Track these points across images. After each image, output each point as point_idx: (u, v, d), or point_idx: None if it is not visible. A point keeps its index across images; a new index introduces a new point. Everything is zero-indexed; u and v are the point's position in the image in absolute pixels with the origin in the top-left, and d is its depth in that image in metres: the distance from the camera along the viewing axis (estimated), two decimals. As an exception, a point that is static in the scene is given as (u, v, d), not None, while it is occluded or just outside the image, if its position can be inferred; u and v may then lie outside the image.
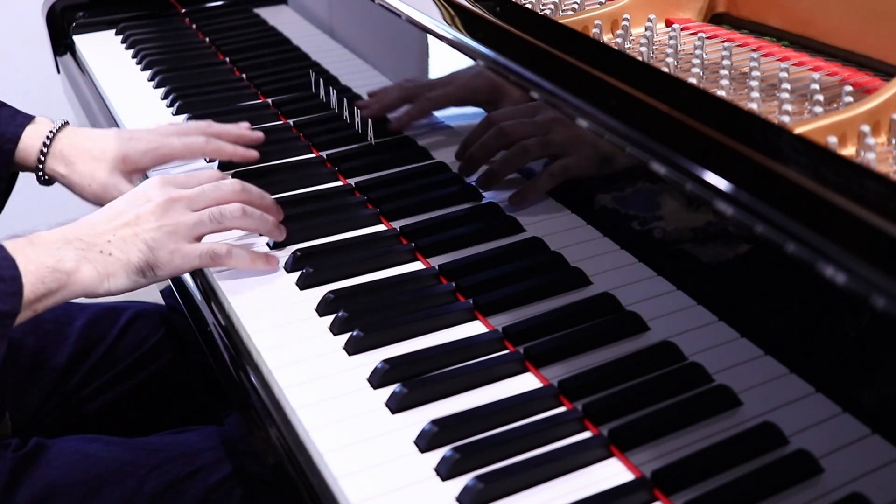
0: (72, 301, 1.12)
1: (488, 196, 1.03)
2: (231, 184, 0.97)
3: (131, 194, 0.94)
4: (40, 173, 1.13)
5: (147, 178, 1.12)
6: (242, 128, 1.18)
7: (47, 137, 1.12)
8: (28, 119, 1.14)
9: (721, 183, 0.68)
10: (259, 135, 1.18)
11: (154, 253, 0.89)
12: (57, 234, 0.88)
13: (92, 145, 1.12)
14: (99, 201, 1.11)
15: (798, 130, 0.77)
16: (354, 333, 0.86)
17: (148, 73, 1.49)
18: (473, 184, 1.04)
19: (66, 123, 1.15)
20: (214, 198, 0.94)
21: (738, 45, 1.01)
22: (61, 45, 1.69)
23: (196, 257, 0.92)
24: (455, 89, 1.08)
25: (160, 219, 0.91)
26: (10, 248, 0.84)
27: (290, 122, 1.29)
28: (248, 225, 0.96)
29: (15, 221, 1.29)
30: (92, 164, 1.11)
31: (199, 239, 0.93)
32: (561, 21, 1.04)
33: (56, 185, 1.16)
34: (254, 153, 1.16)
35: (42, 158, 1.12)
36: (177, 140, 1.13)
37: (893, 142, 0.80)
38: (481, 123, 1.01)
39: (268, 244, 1.01)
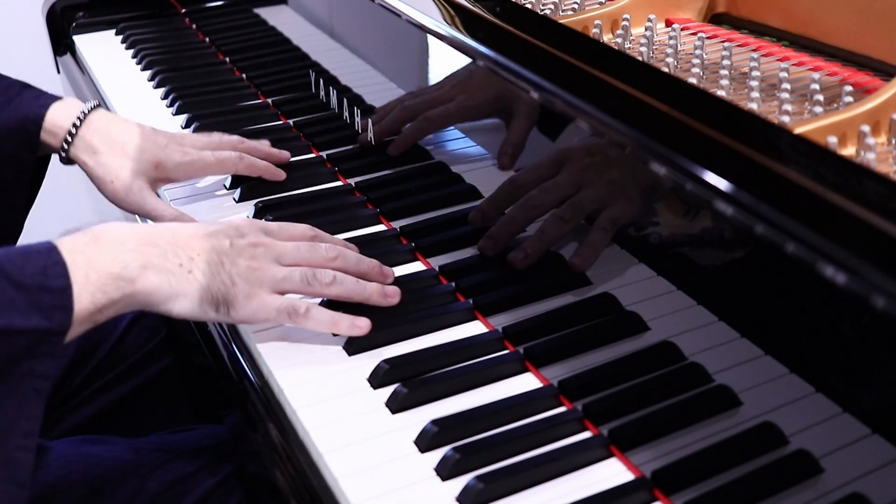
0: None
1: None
2: (327, 248, 0.88)
3: (222, 224, 0.86)
4: (63, 155, 1.07)
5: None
6: (268, 145, 1.15)
7: (77, 120, 1.05)
8: (52, 99, 1.07)
9: (721, 183, 0.68)
10: (286, 154, 1.15)
11: (235, 289, 0.81)
12: (131, 231, 0.78)
13: (125, 140, 1.05)
14: (115, 200, 1.06)
15: (798, 130, 0.77)
16: (354, 333, 0.86)
17: (148, 73, 1.49)
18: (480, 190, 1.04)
19: (98, 106, 1.08)
20: (308, 257, 0.86)
21: (738, 45, 1.01)
22: (61, 45, 1.69)
23: (273, 309, 0.83)
24: (461, 104, 1.05)
25: (250, 259, 0.83)
26: (67, 249, 0.73)
27: (290, 122, 1.29)
28: (339, 292, 0.86)
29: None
30: (121, 161, 1.04)
31: (280, 294, 0.84)
32: (561, 21, 1.05)
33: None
34: (282, 173, 1.13)
35: (68, 141, 1.05)
36: (210, 155, 1.09)
37: (893, 142, 0.80)
38: (501, 190, 0.96)
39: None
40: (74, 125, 1.05)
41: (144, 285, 0.77)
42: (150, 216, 1.05)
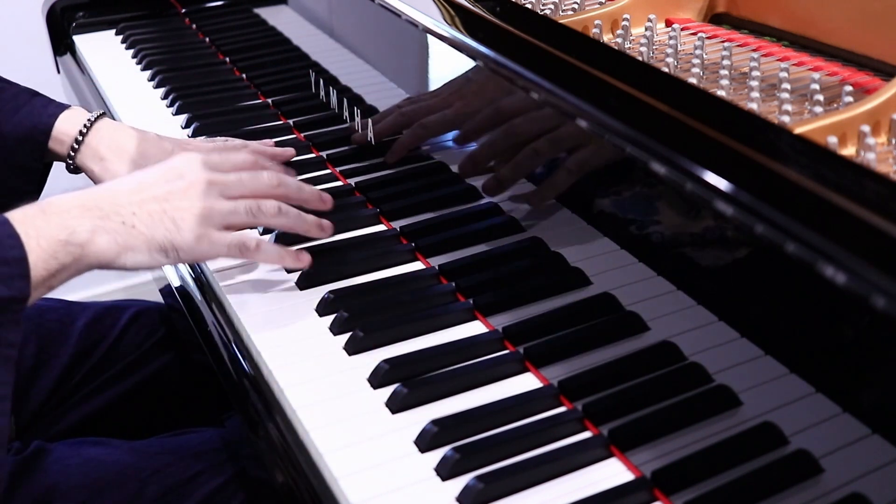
0: (73, 301, 1.10)
1: (489, 197, 1.03)
2: (269, 176, 0.92)
3: (162, 168, 0.87)
4: (71, 164, 1.10)
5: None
6: (272, 144, 1.15)
7: (83, 128, 1.08)
8: (61, 108, 1.10)
9: (721, 183, 0.68)
10: (291, 151, 1.13)
11: (182, 233, 0.84)
12: (73, 200, 0.81)
13: (130, 146, 1.08)
14: None
15: (798, 130, 0.77)
16: (354, 333, 0.86)
17: (148, 73, 1.49)
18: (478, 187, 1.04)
19: (103, 114, 1.11)
20: (252, 188, 0.90)
21: (738, 45, 1.01)
22: (61, 45, 1.69)
23: (224, 246, 0.87)
24: (460, 107, 1.05)
25: (193, 199, 0.85)
26: (18, 221, 0.77)
27: (290, 122, 1.29)
28: (283, 223, 0.92)
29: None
30: (126, 167, 1.07)
31: (228, 228, 0.88)
32: (561, 21, 1.04)
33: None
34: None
35: (75, 149, 1.08)
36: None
37: (893, 142, 0.80)
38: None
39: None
40: (81, 132, 1.08)
41: (93, 248, 0.80)
42: None
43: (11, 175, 1.10)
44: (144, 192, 0.84)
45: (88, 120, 1.08)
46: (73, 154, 1.08)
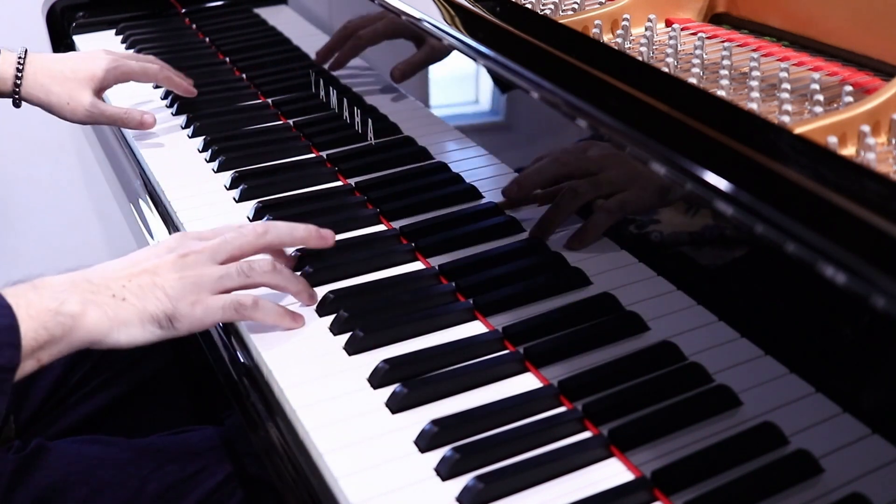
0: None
1: (489, 197, 1.03)
2: (253, 226, 0.90)
3: (151, 247, 0.88)
4: (16, 97, 1.22)
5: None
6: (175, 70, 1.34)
7: (18, 65, 1.21)
8: None
9: (721, 183, 0.68)
10: (190, 81, 1.34)
11: (174, 303, 0.82)
12: (64, 277, 0.82)
13: (62, 66, 1.22)
14: (77, 118, 1.23)
15: (798, 130, 0.77)
16: (354, 333, 0.86)
17: (148, 73, 1.49)
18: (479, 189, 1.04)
19: (26, 50, 1.23)
20: (238, 245, 0.88)
21: (738, 45, 1.01)
22: (61, 45, 1.69)
23: (219, 309, 0.84)
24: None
25: (182, 269, 0.84)
26: (9, 294, 0.78)
27: (290, 122, 1.29)
28: (277, 282, 0.89)
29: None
30: (66, 85, 1.21)
31: (225, 293, 0.86)
32: (561, 21, 1.05)
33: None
34: (194, 91, 1.33)
35: (18, 84, 1.21)
36: (134, 62, 1.29)
37: (893, 142, 0.80)
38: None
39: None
40: (18, 69, 1.21)
41: (84, 322, 0.79)
42: (112, 121, 1.25)
43: None
44: (134, 267, 0.84)
45: (19, 57, 1.21)
46: (17, 89, 1.21)
